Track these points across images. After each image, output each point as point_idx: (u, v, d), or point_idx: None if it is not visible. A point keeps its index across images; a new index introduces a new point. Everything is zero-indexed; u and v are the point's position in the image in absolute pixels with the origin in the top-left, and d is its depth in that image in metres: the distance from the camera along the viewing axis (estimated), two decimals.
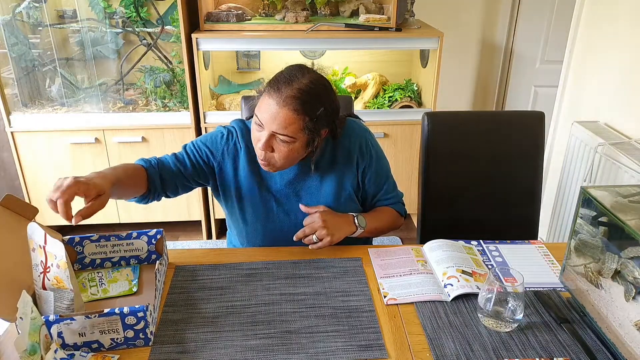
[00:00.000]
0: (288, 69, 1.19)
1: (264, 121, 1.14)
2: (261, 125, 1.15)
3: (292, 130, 1.13)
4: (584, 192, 1.04)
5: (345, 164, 1.31)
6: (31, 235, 0.95)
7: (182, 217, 2.71)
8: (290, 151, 1.17)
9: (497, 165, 1.61)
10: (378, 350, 0.97)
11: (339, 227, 1.25)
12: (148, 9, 2.44)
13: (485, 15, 3.07)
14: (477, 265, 1.21)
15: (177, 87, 2.54)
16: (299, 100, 1.11)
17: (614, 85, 2.00)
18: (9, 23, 2.36)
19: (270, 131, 1.14)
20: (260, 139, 1.16)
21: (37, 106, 2.52)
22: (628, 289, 0.92)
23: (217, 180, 1.32)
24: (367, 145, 1.33)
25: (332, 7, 2.68)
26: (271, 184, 1.31)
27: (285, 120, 1.12)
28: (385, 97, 2.67)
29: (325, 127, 1.20)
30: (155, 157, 1.29)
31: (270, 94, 1.13)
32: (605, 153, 1.86)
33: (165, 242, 1.22)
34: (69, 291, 0.96)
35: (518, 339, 1.00)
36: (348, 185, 1.32)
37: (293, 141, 1.15)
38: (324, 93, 1.17)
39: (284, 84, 1.13)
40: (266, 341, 0.99)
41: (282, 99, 1.11)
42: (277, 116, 1.12)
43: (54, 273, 0.95)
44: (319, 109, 1.15)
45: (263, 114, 1.14)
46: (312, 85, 1.14)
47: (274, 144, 1.16)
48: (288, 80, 1.14)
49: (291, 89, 1.12)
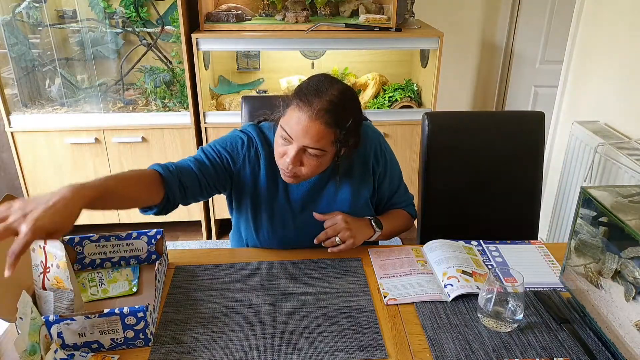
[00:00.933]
0: (314, 79, 1.16)
1: (295, 135, 1.11)
2: (288, 139, 1.12)
3: (323, 143, 1.11)
4: (584, 192, 1.04)
5: (361, 171, 1.31)
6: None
7: (182, 217, 2.71)
8: (319, 164, 1.16)
9: (497, 165, 1.61)
10: (378, 350, 0.97)
11: (360, 229, 1.25)
12: (148, 9, 2.44)
13: (485, 15, 3.07)
14: (477, 265, 1.21)
15: (177, 87, 2.54)
16: (331, 113, 1.09)
17: (614, 85, 2.00)
18: (9, 23, 2.36)
19: (301, 145, 1.11)
20: (288, 152, 1.13)
21: (37, 106, 2.52)
22: (628, 289, 0.92)
23: (234, 188, 1.29)
24: (381, 151, 1.33)
25: (332, 7, 2.68)
26: (289, 194, 1.29)
27: (317, 134, 1.09)
28: (385, 97, 2.67)
29: (353, 138, 1.18)
30: (173, 163, 1.20)
31: (300, 107, 1.10)
32: (605, 153, 1.86)
33: (165, 242, 1.22)
34: (69, 291, 0.96)
35: (518, 339, 1.00)
36: (365, 192, 1.32)
37: (323, 154, 1.14)
38: (353, 104, 1.16)
39: (314, 97, 1.10)
40: (266, 341, 0.99)
41: (314, 113, 1.08)
42: (309, 130, 1.09)
43: (54, 273, 0.95)
44: (349, 120, 1.12)
45: (294, 127, 1.10)
46: (342, 97, 1.12)
47: (303, 158, 1.14)
48: (317, 91, 1.11)
49: (322, 101, 1.09)
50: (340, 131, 1.12)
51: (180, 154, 2.54)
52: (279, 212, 1.28)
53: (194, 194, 1.21)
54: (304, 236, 1.27)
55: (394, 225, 1.36)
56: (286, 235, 1.30)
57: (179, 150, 2.54)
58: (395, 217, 1.39)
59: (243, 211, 1.32)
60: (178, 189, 1.16)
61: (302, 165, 1.15)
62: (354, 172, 1.30)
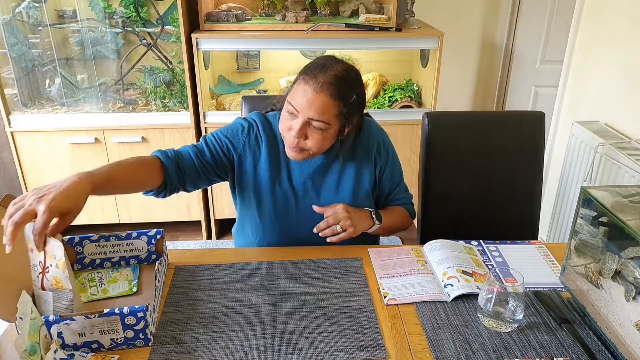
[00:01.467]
0: (320, 58, 1.22)
1: (300, 107, 1.15)
2: (294, 113, 1.17)
3: (328, 116, 1.15)
4: (584, 192, 1.04)
5: (363, 161, 1.33)
6: (29, 236, 0.96)
7: (182, 217, 2.71)
8: (324, 138, 1.19)
9: (497, 165, 1.61)
10: (378, 350, 0.97)
11: (360, 219, 1.27)
12: (148, 9, 2.44)
13: (485, 16, 3.07)
14: (477, 265, 1.21)
15: (177, 87, 2.54)
16: (335, 86, 1.14)
17: (614, 85, 2.00)
18: (9, 23, 2.36)
19: (306, 118, 1.15)
20: (294, 126, 1.17)
21: (37, 106, 2.52)
22: (628, 289, 0.92)
23: (236, 174, 1.31)
24: (384, 145, 1.36)
25: (332, 7, 2.68)
26: (291, 178, 1.31)
27: (322, 105, 1.14)
28: (385, 97, 2.67)
29: (356, 114, 1.22)
30: (173, 149, 1.26)
31: (305, 80, 1.15)
32: (605, 153, 1.86)
33: (165, 242, 1.22)
34: (67, 292, 0.96)
35: (518, 339, 1.00)
36: (366, 182, 1.34)
37: (327, 128, 1.17)
38: (356, 81, 1.21)
39: (319, 71, 1.15)
40: (266, 341, 0.99)
41: (319, 85, 1.13)
42: (314, 102, 1.13)
43: (53, 273, 0.95)
44: (352, 95, 1.17)
45: (299, 100, 1.15)
46: (346, 73, 1.17)
47: (308, 131, 1.18)
48: (322, 67, 1.16)
49: (327, 75, 1.14)
50: (344, 105, 1.16)
51: None
52: (281, 196, 1.30)
53: (193, 179, 1.26)
54: (306, 221, 1.30)
55: (393, 220, 1.37)
56: (289, 219, 1.31)
57: None
58: (395, 213, 1.40)
59: (246, 197, 1.34)
60: (176, 174, 1.22)
61: (306, 139, 1.18)
62: (356, 161, 1.32)
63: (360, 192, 1.33)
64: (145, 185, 1.20)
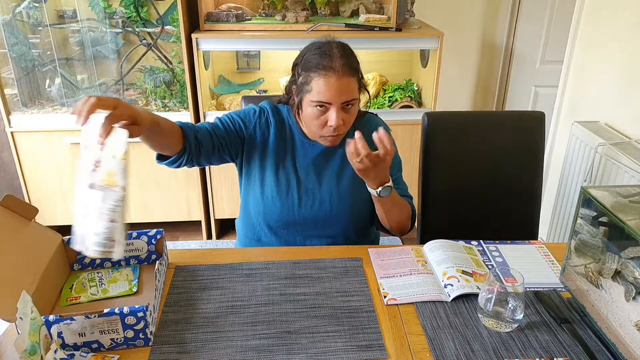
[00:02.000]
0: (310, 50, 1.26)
1: (331, 99, 1.20)
2: (324, 106, 1.22)
3: (355, 92, 1.24)
4: (584, 192, 1.04)
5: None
6: (88, 131, 0.90)
7: (182, 217, 2.71)
8: (353, 115, 1.27)
9: (497, 166, 1.61)
10: (378, 350, 0.97)
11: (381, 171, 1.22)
12: (148, 9, 2.44)
13: (485, 16, 3.07)
14: (477, 265, 1.21)
15: (177, 87, 2.54)
16: (348, 65, 1.22)
17: (614, 85, 1.99)
18: (9, 23, 2.36)
19: (339, 104, 1.21)
20: (331, 117, 1.22)
21: (37, 106, 2.52)
22: (628, 289, 0.92)
23: (245, 151, 1.36)
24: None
25: (332, 7, 2.68)
26: (295, 161, 1.36)
27: (348, 86, 1.21)
28: (385, 97, 2.66)
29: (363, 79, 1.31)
30: (191, 123, 1.30)
31: (323, 74, 1.20)
32: (605, 153, 1.86)
33: (165, 242, 1.22)
34: (118, 189, 0.89)
35: (518, 339, 1.00)
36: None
37: (356, 102, 1.26)
38: (352, 51, 1.29)
39: (328, 60, 1.20)
40: (266, 341, 0.99)
41: (338, 71, 1.19)
42: (342, 87, 1.20)
43: (107, 167, 0.88)
44: (358, 62, 1.27)
45: (327, 94, 1.20)
46: (343, 47, 1.26)
47: (343, 115, 1.24)
48: (326, 55, 1.21)
49: (336, 59, 1.21)
50: (358, 75, 1.26)
51: None
52: (283, 177, 1.35)
53: (207, 152, 1.30)
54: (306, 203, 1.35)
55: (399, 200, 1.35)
56: (289, 200, 1.35)
57: None
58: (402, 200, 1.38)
59: (252, 175, 1.38)
60: (194, 144, 1.26)
61: (343, 123, 1.24)
62: None
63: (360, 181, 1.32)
64: (171, 144, 1.21)
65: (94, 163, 0.91)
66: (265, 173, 1.36)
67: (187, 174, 2.60)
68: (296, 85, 1.28)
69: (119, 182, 0.89)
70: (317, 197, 1.35)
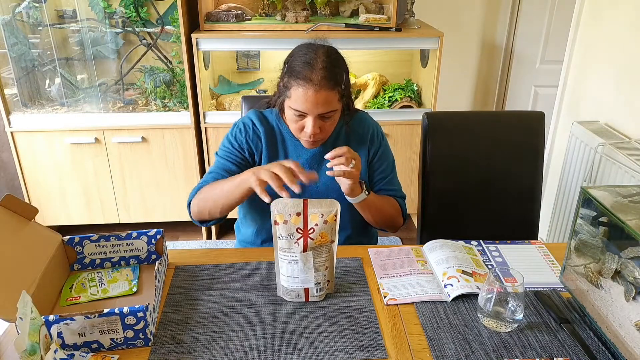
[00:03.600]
0: (298, 54, 1.25)
1: (308, 109, 1.21)
2: (302, 114, 1.23)
3: (333, 105, 1.23)
4: (584, 192, 1.04)
5: (358, 148, 1.37)
6: (279, 210, 1.03)
7: (182, 217, 2.71)
8: (333, 122, 1.28)
9: (497, 165, 1.61)
10: (378, 350, 0.97)
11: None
12: (148, 9, 2.44)
13: (485, 15, 3.07)
14: (477, 265, 1.21)
15: (177, 87, 2.54)
16: (328, 77, 1.20)
17: (614, 85, 2.00)
18: (9, 23, 2.36)
19: (316, 115, 1.22)
20: (307, 124, 1.23)
21: (37, 106, 2.52)
22: (628, 289, 0.92)
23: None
24: (377, 133, 1.42)
25: (332, 7, 2.68)
26: None
27: (325, 99, 1.20)
28: (385, 97, 2.66)
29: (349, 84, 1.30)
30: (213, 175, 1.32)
31: (302, 85, 1.19)
32: (605, 153, 1.86)
33: (165, 242, 1.22)
34: (328, 244, 1.06)
35: (518, 339, 1.00)
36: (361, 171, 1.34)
37: (335, 113, 1.26)
38: (340, 59, 1.28)
39: (309, 70, 1.19)
40: (266, 341, 0.99)
41: (317, 84, 1.18)
42: (318, 100, 1.20)
43: (320, 230, 1.04)
44: (343, 75, 1.25)
45: (303, 104, 1.21)
46: (329, 58, 1.23)
47: (320, 124, 1.25)
48: (308, 65, 1.20)
49: (317, 70, 1.19)
50: (340, 87, 1.24)
51: (180, 154, 2.54)
52: None
53: None
54: None
55: (380, 202, 1.35)
56: None
57: (179, 150, 2.54)
58: (385, 199, 1.39)
59: None
60: None
61: (321, 131, 1.26)
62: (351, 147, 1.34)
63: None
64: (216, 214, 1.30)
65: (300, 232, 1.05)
66: None
67: (187, 174, 2.60)
68: (282, 84, 1.29)
69: (330, 237, 1.07)
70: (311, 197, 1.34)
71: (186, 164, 2.58)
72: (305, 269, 1.07)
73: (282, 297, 1.11)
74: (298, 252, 1.05)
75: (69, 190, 2.58)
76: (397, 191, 1.43)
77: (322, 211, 1.04)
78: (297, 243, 1.05)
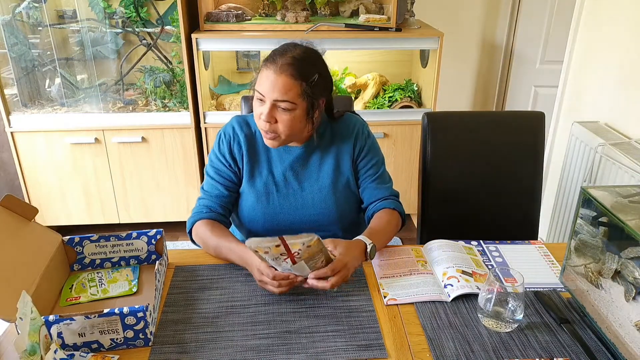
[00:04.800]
0: (281, 45, 1.26)
1: (264, 92, 1.20)
2: (262, 99, 1.21)
3: (291, 95, 1.19)
4: (584, 192, 1.04)
5: (342, 147, 1.36)
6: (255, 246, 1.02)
7: (182, 217, 2.71)
8: (293, 119, 1.22)
9: (497, 165, 1.61)
10: (378, 350, 0.97)
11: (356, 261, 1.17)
12: (148, 9, 2.44)
13: (485, 15, 3.07)
14: (477, 265, 1.21)
15: (177, 87, 2.54)
16: (294, 66, 1.19)
17: (614, 85, 1.99)
18: (9, 23, 2.36)
19: (272, 100, 1.20)
20: (263, 111, 1.21)
21: (37, 106, 2.52)
22: (628, 289, 0.92)
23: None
24: (362, 131, 1.38)
25: (332, 7, 2.68)
26: (271, 169, 1.34)
27: (284, 86, 1.18)
28: (385, 97, 2.66)
29: (323, 96, 1.26)
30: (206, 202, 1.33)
31: (266, 66, 1.21)
32: (605, 153, 1.86)
33: (165, 242, 1.22)
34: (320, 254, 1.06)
35: (518, 339, 1.00)
36: (346, 169, 1.35)
37: (294, 107, 1.21)
38: (317, 60, 1.26)
39: (279, 55, 1.20)
40: (266, 341, 0.99)
41: (279, 67, 1.18)
42: (276, 84, 1.18)
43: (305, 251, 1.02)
44: (313, 74, 1.22)
45: (262, 85, 1.20)
46: (304, 54, 1.23)
47: (277, 114, 1.22)
48: (282, 52, 1.22)
49: (285, 57, 1.20)
50: (307, 84, 1.20)
51: (180, 154, 2.54)
52: (261, 186, 1.34)
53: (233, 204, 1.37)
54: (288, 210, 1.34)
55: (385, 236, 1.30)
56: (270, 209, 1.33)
57: (179, 150, 2.54)
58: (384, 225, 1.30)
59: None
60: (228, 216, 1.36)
61: (276, 122, 1.22)
62: (335, 147, 1.35)
63: (340, 179, 1.35)
64: None
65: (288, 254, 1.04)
66: (243, 187, 1.35)
67: (187, 174, 2.60)
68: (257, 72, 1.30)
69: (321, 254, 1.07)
70: (299, 201, 1.34)
71: (186, 164, 2.58)
72: (302, 272, 1.08)
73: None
74: (289, 266, 1.05)
75: (69, 190, 2.58)
76: (387, 189, 1.38)
77: (302, 241, 0.99)
78: (285, 261, 1.04)
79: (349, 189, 1.37)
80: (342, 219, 1.36)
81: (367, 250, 1.20)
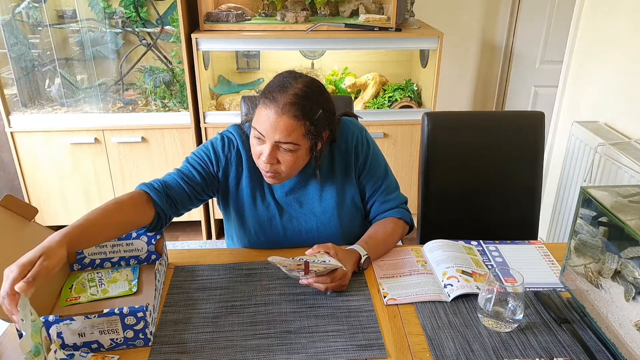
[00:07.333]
0: (278, 76, 1.17)
1: (265, 132, 1.11)
2: (261, 138, 1.13)
3: (295, 137, 1.11)
4: (584, 192, 1.04)
5: (344, 169, 1.30)
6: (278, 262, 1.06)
7: (182, 218, 2.70)
8: (296, 159, 1.15)
9: (497, 165, 1.61)
10: (378, 350, 0.97)
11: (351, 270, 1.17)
12: (148, 9, 2.44)
13: (485, 15, 3.07)
14: (477, 265, 1.21)
15: (177, 87, 2.54)
16: (297, 106, 1.10)
17: (613, 85, 2.00)
18: (9, 23, 2.36)
19: (273, 142, 1.12)
20: (263, 151, 1.13)
21: (37, 106, 2.52)
22: (628, 289, 0.92)
23: (220, 188, 1.29)
24: (362, 143, 1.31)
25: (332, 7, 2.68)
26: (273, 193, 1.29)
27: (286, 128, 1.10)
28: (385, 97, 2.67)
29: (326, 129, 1.19)
30: (159, 180, 1.21)
31: (266, 104, 1.11)
32: (605, 153, 1.86)
33: (165, 242, 1.22)
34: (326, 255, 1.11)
35: (518, 339, 1.00)
36: (350, 190, 1.31)
37: (297, 148, 1.13)
38: (320, 95, 1.16)
39: (279, 92, 1.11)
40: (266, 341, 0.99)
41: (280, 108, 1.09)
42: (278, 125, 1.10)
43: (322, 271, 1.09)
44: (317, 111, 1.13)
45: (263, 126, 1.11)
46: (307, 89, 1.13)
47: (279, 155, 1.14)
48: (281, 87, 1.12)
49: (287, 95, 1.10)
50: (311, 123, 1.12)
51: (180, 154, 2.54)
52: (264, 211, 1.28)
53: (185, 205, 1.24)
54: (292, 234, 1.30)
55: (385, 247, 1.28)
56: (274, 233, 1.29)
57: (179, 150, 2.54)
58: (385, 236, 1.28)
59: (230, 212, 1.32)
60: (168, 205, 1.19)
61: (278, 162, 1.15)
62: (336, 169, 1.29)
63: (344, 202, 1.30)
64: (134, 225, 1.13)
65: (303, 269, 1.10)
66: (243, 209, 1.28)
67: None
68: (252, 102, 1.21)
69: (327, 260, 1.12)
70: (302, 224, 1.29)
71: None
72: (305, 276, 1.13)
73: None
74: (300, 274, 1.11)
75: (69, 190, 2.58)
76: (394, 200, 1.34)
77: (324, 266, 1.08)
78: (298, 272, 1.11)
79: (355, 207, 1.32)
80: (346, 234, 1.31)
81: (360, 261, 1.19)
